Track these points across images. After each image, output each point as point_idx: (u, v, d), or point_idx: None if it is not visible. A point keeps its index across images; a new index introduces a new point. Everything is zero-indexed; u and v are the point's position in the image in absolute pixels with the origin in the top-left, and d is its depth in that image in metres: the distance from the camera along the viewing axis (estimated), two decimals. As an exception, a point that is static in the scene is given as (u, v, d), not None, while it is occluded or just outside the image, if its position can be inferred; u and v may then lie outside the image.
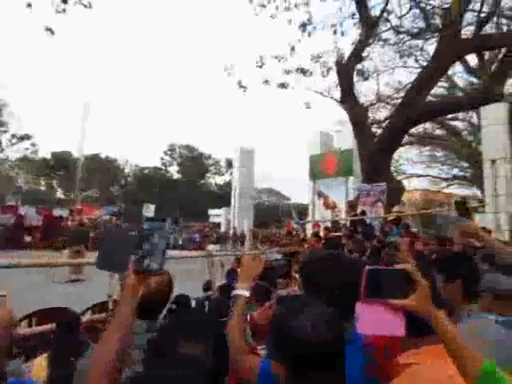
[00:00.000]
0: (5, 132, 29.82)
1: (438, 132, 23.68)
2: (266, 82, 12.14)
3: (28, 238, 22.89)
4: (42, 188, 45.93)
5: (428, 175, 27.86)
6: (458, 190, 31.18)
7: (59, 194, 45.11)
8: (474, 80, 19.18)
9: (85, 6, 8.29)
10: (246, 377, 1.16)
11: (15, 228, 23.19)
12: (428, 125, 21.57)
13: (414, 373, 1.02)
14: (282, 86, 12.19)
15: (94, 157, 44.56)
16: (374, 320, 0.92)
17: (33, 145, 35.79)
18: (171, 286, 1.52)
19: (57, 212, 26.42)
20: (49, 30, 7.96)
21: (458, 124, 23.23)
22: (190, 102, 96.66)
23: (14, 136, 32.23)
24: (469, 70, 19.55)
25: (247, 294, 1.37)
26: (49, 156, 42.70)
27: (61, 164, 41.59)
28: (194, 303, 4.13)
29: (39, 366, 2.15)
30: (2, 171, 35.97)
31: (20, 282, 8.13)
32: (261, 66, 11.95)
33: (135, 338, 1.35)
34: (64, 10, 8.35)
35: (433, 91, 15.29)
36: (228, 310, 1.46)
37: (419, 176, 28.04)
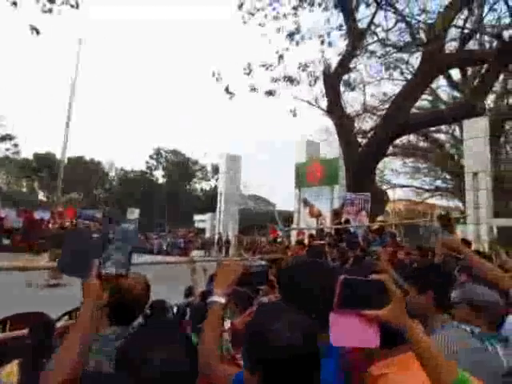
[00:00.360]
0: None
1: (422, 144, 24.15)
2: (254, 89, 12.19)
3: (7, 241, 22.31)
4: (24, 190, 45.00)
5: (411, 186, 28.33)
6: (441, 201, 31.79)
7: (41, 196, 44.27)
8: (457, 94, 19.69)
9: (72, 6, 8.19)
10: None
11: (-6, 230, 22.61)
12: (412, 136, 21.98)
13: (389, 381, 1.02)
14: (270, 93, 12.25)
15: (78, 159, 43.93)
16: (348, 331, 0.90)
17: (15, 145, 35.08)
18: (148, 291, 1.49)
19: (38, 215, 25.87)
20: (34, 29, 7.82)
21: (442, 136, 23.78)
22: (178, 106, 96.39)
23: (-5, 136, 31.56)
24: (452, 84, 20.08)
25: (223, 300, 1.33)
26: (31, 157, 41.92)
27: (43, 166, 40.82)
28: (175, 309, 4.08)
29: (10, 371, 2.08)
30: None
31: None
32: (248, 74, 12.01)
33: (106, 344, 1.31)
34: (50, 10, 8.25)
35: (417, 104, 15.61)
36: None
37: (403, 186, 28.49)
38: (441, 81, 19.59)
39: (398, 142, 18.66)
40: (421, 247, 5.47)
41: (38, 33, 8.14)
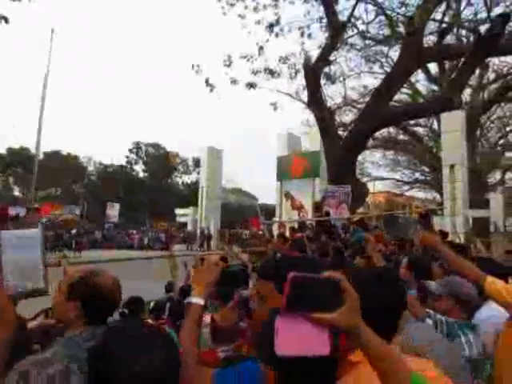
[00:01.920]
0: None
1: (402, 137, 24.51)
2: (234, 81, 12.07)
3: (-19, 238, 21.67)
4: (-2, 186, 43.72)
5: (392, 178, 28.77)
6: (419, 193, 32.46)
7: (16, 192, 43.05)
8: (435, 88, 20.02)
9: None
10: None
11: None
12: (392, 129, 22.28)
13: (360, 371, 1.01)
14: (250, 86, 12.16)
15: (55, 154, 42.84)
16: (295, 337, 0.79)
17: (-13, 140, 33.80)
18: (119, 289, 1.43)
19: (13, 210, 25.18)
20: (2, 17, 7.50)
21: (420, 130, 24.18)
22: (157, 99, 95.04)
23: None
24: (430, 78, 20.40)
25: (202, 302, 1.26)
26: (4, 152, 40.64)
27: (17, 161, 39.61)
28: (151, 304, 4.03)
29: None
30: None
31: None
32: (229, 65, 11.89)
33: (75, 346, 1.25)
34: (19, -1, 7.90)
35: (396, 97, 15.78)
36: None
37: (383, 179, 28.92)
38: (419, 75, 19.88)
39: (377, 134, 18.88)
40: (399, 239, 5.53)
41: (6, 21, 7.82)
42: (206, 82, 12.00)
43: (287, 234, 8.63)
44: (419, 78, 20.92)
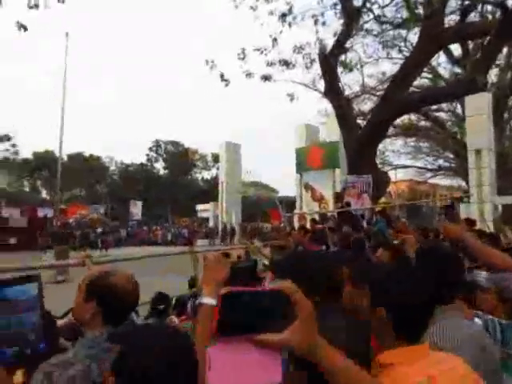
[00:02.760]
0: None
1: (423, 123, 23.89)
2: (249, 74, 11.99)
3: (13, 240, 22.47)
4: (26, 189, 45.08)
5: (413, 166, 28.15)
6: (444, 181, 31.66)
7: (44, 194, 44.36)
8: (459, 70, 19.35)
9: (58, 0, 8.01)
10: None
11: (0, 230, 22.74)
12: (413, 116, 21.73)
13: (394, 373, 0.97)
14: (265, 78, 12.05)
15: (77, 155, 43.85)
16: (235, 368, 0.62)
17: (13, 145, 34.87)
18: (136, 288, 1.43)
19: (42, 212, 26.01)
20: (21, 26, 7.71)
21: (443, 115, 23.48)
22: (175, 97, 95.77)
23: (-8, 138, 31.34)
24: (453, 60, 19.70)
25: (213, 302, 1.19)
26: (31, 156, 41.85)
27: (43, 164, 40.78)
28: (174, 300, 4.06)
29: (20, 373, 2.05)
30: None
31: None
32: (243, 59, 11.81)
33: (94, 346, 1.25)
34: (37, 6, 8.06)
35: (416, 82, 15.36)
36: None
37: (405, 167, 28.31)
38: (441, 57, 19.22)
39: (398, 122, 18.45)
40: (423, 228, 5.35)
41: (25, 30, 8.02)
42: (221, 76, 11.97)
43: (308, 226, 8.55)
44: (441, 61, 20.26)
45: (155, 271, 7.92)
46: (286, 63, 12.01)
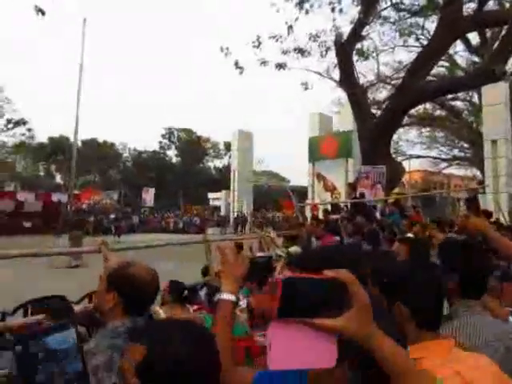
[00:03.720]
0: (0, 117, 29.34)
1: (439, 112, 23.47)
2: (264, 62, 11.88)
3: (28, 224, 22.94)
4: (41, 174, 45.78)
5: (428, 156, 27.74)
6: (458, 171, 31.17)
7: (58, 179, 44.99)
8: (476, 59, 18.88)
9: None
10: None
11: (15, 214, 23.24)
12: (428, 105, 21.35)
13: (420, 367, 0.97)
14: (280, 66, 11.92)
15: (91, 141, 44.24)
16: (293, 348, 0.66)
17: (29, 130, 35.33)
18: (156, 279, 1.45)
19: (56, 197, 26.43)
20: (39, 10, 7.69)
21: (459, 104, 23.02)
22: (187, 84, 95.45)
23: (9, 121, 31.71)
24: (470, 48, 19.21)
25: (233, 298, 1.20)
26: (46, 141, 42.39)
27: (58, 149, 41.28)
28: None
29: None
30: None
31: (20, 270, 8.15)
32: (258, 46, 11.69)
33: (116, 337, 1.27)
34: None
35: (433, 71, 15.04)
36: None
37: (419, 157, 27.93)
38: (458, 46, 18.76)
39: (413, 111, 18.15)
40: (439, 220, 5.29)
41: (43, 14, 8.02)
42: (235, 64, 11.88)
43: (320, 216, 8.55)
44: (458, 50, 19.77)
45: (168, 259, 8.02)
46: (301, 51, 11.86)
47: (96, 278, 1.54)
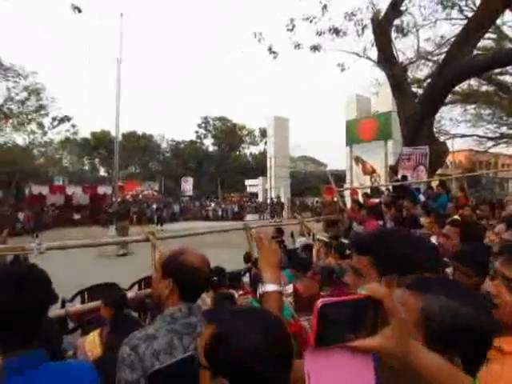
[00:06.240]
0: (46, 115, 30.83)
1: (485, 88, 22.10)
2: (298, 46, 11.65)
3: (77, 216, 24.21)
4: (86, 168, 47.90)
5: (473, 135, 26.30)
6: (507, 150, 29.38)
7: (102, 172, 46.92)
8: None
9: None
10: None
11: (65, 207, 24.60)
12: (473, 81, 20.16)
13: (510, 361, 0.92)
14: (315, 48, 11.64)
15: (131, 134, 45.61)
16: (334, 377, 0.64)
17: (73, 126, 36.94)
18: (208, 265, 1.48)
19: (101, 190, 27.65)
20: (76, 8, 7.95)
21: (508, 78, 21.56)
22: (221, 72, 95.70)
23: (54, 119, 33.29)
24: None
25: (278, 288, 1.21)
26: (89, 136, 44.18)
27: (101, 143, 42.95)
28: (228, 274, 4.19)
29: (92, 342, 2.26)
30: (48, 153, 37.64)
31: (73, 259, 8.65)
32: (291, 29, 11.47)
33: (174, 322, 1.34)
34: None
35: (479, 44, 14.12)
36: None
37: (463, 136, 26.53)
38: (506, 15, 17.47)
39: (456, 88, 17.21)
40: (490, 202, 5.04)
41: (79, 11, 8.30)
42: (269, 49, 11.76)
43: (360, 199, 8.37)
44: (506, 20, 18.42)
45: (209, 245, 8.20)
46: (337, 31, 11.50)
47: (142, 265, 1.60)
